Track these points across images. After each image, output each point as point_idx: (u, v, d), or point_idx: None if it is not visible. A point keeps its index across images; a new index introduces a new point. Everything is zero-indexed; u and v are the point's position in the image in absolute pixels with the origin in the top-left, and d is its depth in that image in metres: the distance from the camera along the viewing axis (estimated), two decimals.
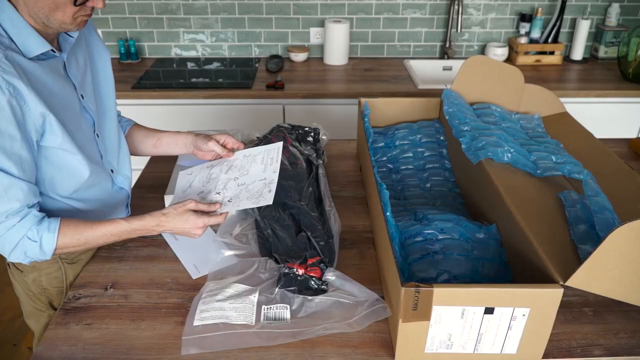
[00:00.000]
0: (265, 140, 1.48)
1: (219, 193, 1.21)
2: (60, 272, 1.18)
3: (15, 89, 0.92)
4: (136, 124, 1.36)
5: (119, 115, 1.33)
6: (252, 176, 1.22)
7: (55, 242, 1.00)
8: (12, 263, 1.18)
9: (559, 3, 2.54)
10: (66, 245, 1.02)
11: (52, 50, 1.02)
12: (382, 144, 1.53)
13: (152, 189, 1.35)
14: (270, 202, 1.11)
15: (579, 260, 0.91)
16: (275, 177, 1.19)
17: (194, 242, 1.19)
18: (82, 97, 1.11)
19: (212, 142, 1.27)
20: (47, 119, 0.98)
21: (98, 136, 1.16)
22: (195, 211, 1.08)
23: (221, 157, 1.29)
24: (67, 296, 1.06)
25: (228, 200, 1.17)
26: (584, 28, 2.59)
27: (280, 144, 1.30)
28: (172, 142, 1.33)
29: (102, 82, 1.20)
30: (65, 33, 1.07)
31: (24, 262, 1.03)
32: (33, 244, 0.99)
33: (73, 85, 1.08)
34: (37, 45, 0.99)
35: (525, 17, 2.60)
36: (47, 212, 1.05)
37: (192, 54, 2.69)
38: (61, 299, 1.21)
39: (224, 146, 1.28)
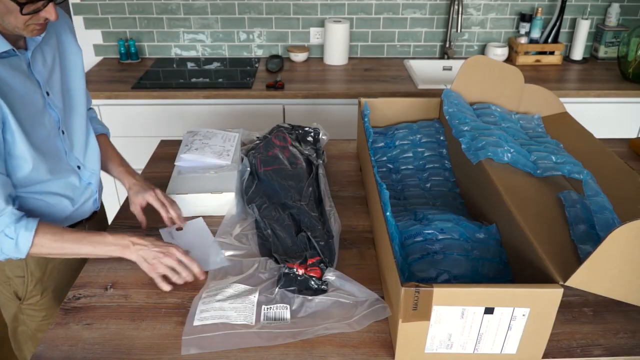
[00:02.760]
0: (265, 140, 1.48)
1: (187, 145, 1.47)
2: (22, 261, 1.20)
3: None
4: (105, 136, 1.38)
5: (95, 118, 1.39)
6: (213, 141, 1.50)
7: (31, 240, 1.03)
8: None
9: (559, 3, 2.54)
10: (43, 245, 1.04)
11: (13, 49, 1.04)
12: (382, 144, 1.53)
13: None
14: (230, 163, 1.41)
15: (579, 260, 0.91)
16: (232, 148, 1.48)
17: (193, 241, 1.20)
18: (48, 95, 1.13)
19: (137, 208, 1.25)
20: (3, 109, 1.01)
21: (63, 132, 1.18)
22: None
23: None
24: (67, 296, 1.06)
25: (195, 148, 1.45)
26: (584, 28, 2.59)
27: (238, 135, 1.55)
28: (116, 177, 1.34)
29: (72, 80, 1.22)
30: None
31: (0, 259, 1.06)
32: (9, 240, 1.02)
33: (37, 83, 1.11)
34: None
35: (525, 17, 2.60)
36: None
37: (192, 54, 2.69)
38: (24, 289, 1.23)
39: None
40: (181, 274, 1.07)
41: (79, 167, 1.23)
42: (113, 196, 2.43)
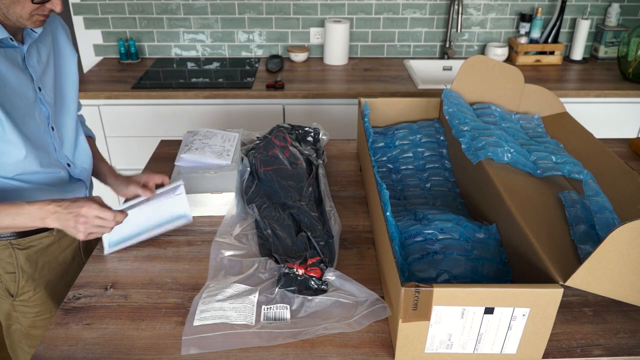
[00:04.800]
0: (265, 140, 1.48)
1: (187, 145, 1.46)
2: (11, 257, 1.21)
3: None
4: (91, 139, 1.40)
5: (84, 122, 1.40)
6: (213, 141, 1.50)
7: None
8: None
9: (559, 3, 2.54)
10: None
11: (11, 38, 1.07)
12: (382, 144, 1.53)
13: None
14: (230, 163, 1.40)
15: (579, 260, 0.91)
16: (232, 148, 1.47)
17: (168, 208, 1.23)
18: (40, 90, 1.15)
19: (132, 185, 1.25)
20: None
21: (53, 129, 1.19)
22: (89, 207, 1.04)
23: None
24: (67, 296, 1.06)
25: (195, 148, 1.44)
26: (584, 28, 2.59)
27: (238, 135, 1.53)
28: (96, 174, 1.37)
29: (65, 80, 1.24)
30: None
31: None
32: None
33: (30, 77, 1.13)
34: None
35: (525, 17, 2.60)
36: None
37: (192, 54, 2.69)
38: (16, 285, 1.24)
39: (145, 185, 1.24)
40: (105, 229, 1.06)
41: (68, 165, 1.24)
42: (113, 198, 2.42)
